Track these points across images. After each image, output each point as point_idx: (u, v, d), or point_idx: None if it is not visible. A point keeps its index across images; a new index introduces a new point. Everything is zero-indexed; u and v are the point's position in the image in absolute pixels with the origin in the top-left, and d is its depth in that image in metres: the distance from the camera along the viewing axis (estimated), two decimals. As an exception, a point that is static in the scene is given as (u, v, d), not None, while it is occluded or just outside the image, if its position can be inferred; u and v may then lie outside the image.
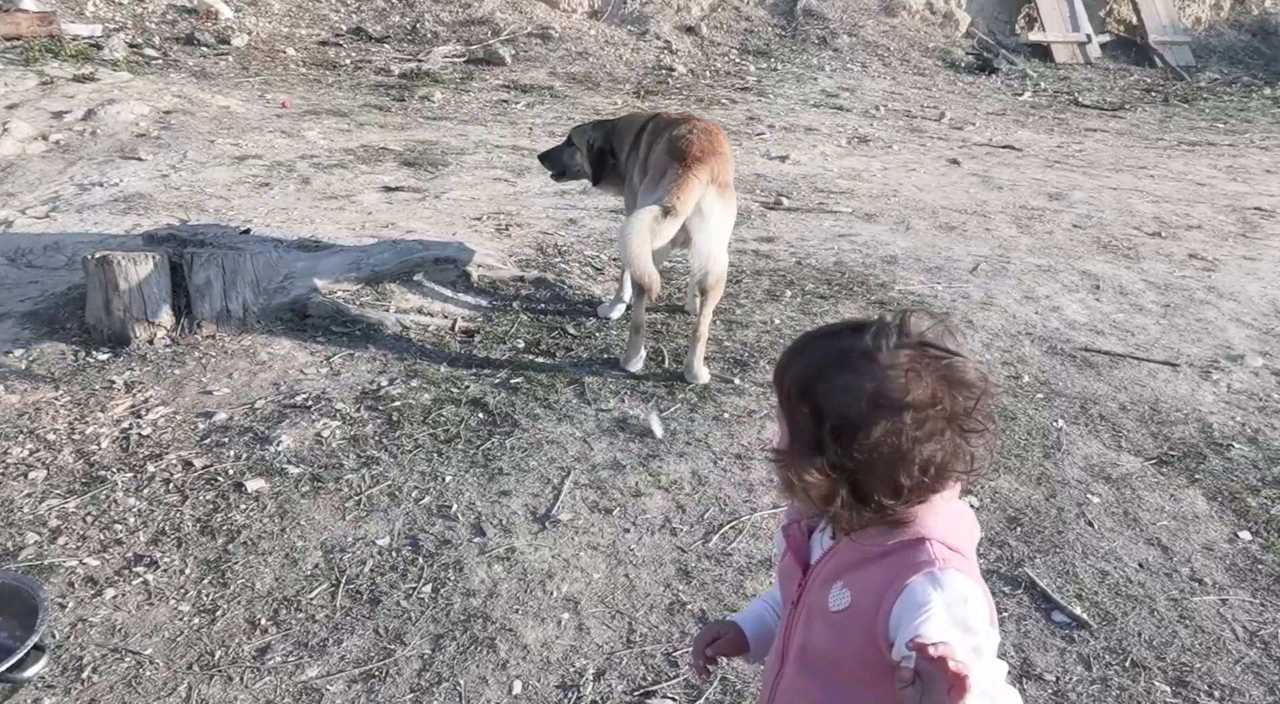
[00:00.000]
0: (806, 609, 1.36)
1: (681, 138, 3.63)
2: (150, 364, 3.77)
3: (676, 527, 3.03)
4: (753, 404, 3.65)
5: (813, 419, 1.25)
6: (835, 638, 1.30)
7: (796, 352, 1.32)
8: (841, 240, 5.48)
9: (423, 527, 2.98)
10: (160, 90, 8.38)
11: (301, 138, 7.45)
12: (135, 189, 6.01)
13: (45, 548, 2.83)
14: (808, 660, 1.36)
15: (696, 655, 1.60)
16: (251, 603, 2.68)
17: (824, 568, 1.35)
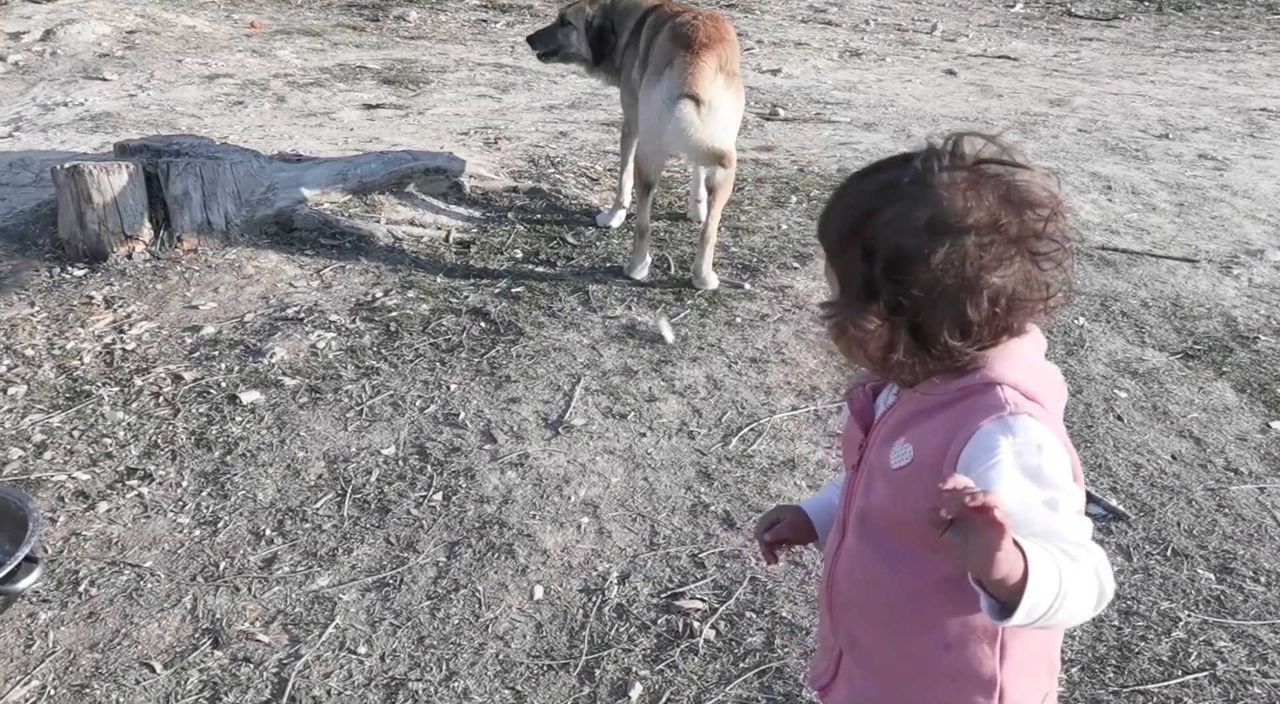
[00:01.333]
0: (867, 471, 1.23)
1: (687, 25, 3.42)
2: (130, 279, 3.57)
3: (694, 430, 2.91)
4: (765, 308, 3.51)
5: (864, 261, 1.10)
6: (897, 498, 1.17)
7: (840, 195, 1.17)
8: (842, 148, 5.30)
9: (429, 435, 2.84)
10: (122, 10, 7.99)
11: (274, 57, 7.12)
12: (102, 108, 5.73)
13: (31, 463, 2.68)
14: (868, 526, 1.23)
15: (758, 540, 1.48)
16: (254, 514, 2.54)
17: (885, 425, 1.22)
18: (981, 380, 1.13)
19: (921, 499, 1.15)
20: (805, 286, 3.65)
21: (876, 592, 1.23)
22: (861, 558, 1.25)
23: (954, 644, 1.20)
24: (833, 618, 1.32)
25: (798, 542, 1.47)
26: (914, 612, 1.21)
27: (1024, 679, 1.25)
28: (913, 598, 1.21)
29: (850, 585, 1.27)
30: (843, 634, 1.31)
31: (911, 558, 1.20)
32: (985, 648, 1.20)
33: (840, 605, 1.30)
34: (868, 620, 1.26)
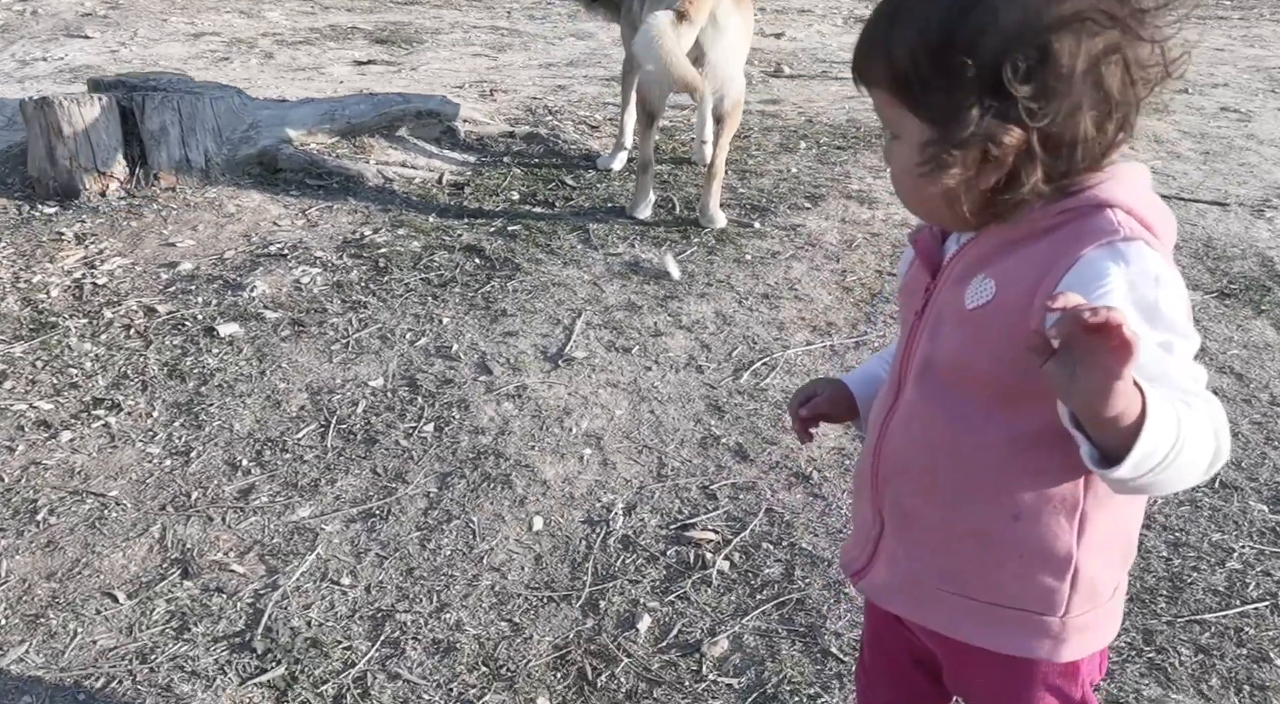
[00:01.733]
0: (934, 317, 1.04)
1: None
2: (103, 217, 3.37)
3: (703, 364, 2.73)
4: (776, 246, 3.33)
5: (973, 69, 0.89)
6: (971, 342, 0.99)
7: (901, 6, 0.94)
8: (851, 102, 5.11)
9: (420, 367, 2.65)
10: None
11: (262, 18, 6.93)
12: (83, 62, 5.53)
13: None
14: (932, 379, 1.03)
15: (793, 417, 1.29)
16: (230, 445, 2.35)
17: (960, 263, 1.02)
18: (1090, 201, 0.94)
19: (1001, 342, 0.96)
20: (818, 225, 3.46)
21: (939, 453, 1.04)
22: (922, 415, 1.05)
23: (1025, 514, 1.01)
24: (877, 492, 1.13)
25: (836, 418, 1.28)
26: (981, 476, 1.02)
27: (1101, 561, 1.06)
28: (981, 460, 1.02)
29: (907, 448, 1.08)
30: (890, 508, 1.12)
31: (982, 413, 1.01)
32: (1062, 520, 1.02)
33: (891, 474, 1.10)
34: (924, 488, 1.07)
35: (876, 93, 0.98)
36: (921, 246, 1.11)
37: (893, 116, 0.98)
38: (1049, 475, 1.00)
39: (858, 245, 3.33)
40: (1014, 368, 0.96)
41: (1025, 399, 0.96)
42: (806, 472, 2.34)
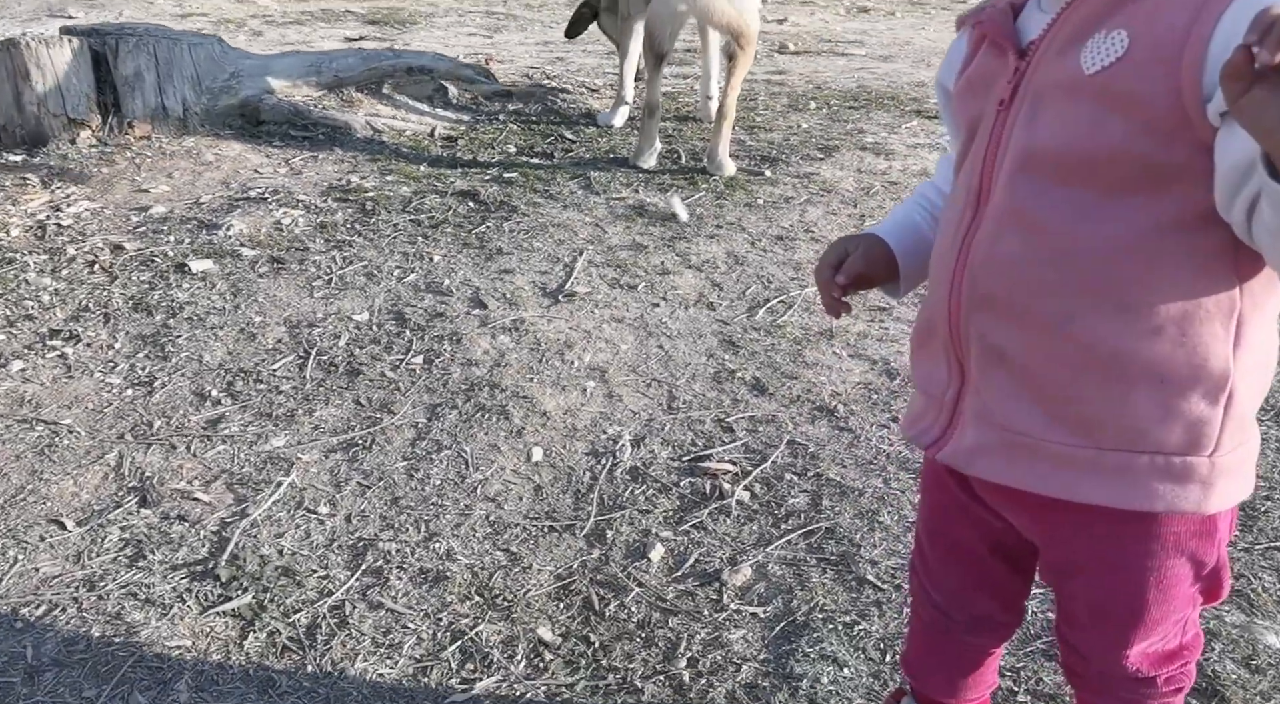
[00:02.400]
0: (1030, 100, 0.84)
1: None
2: (73, 163, 3.17)
3: (714, 302, 2.53)
4: (789, 192, 3.14)
5: None
6: (1093, 115, 0.79)
7: None
8: (860, 72, 4.95)
9: (409, 302, 2.45)
10: (93, -38, 7.63)
11: (252, 3, 6.77)
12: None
13: (-67, 322, 2.28)
14: (1034, 171, 0.83)
15: (823, 288, 1.06)
16: (199, 375, 2.14)
17: (1065, 26, 0.83)
18: None
19: (1141, 105, 0.77)
20: (833, 174, 3.27)
21: (1047, 266, 0.83)
22: (1022, 222, 0.85)
23: (1170, 324, 0.81)
24: (956, 337, 0.92)
25: (876, 279, 1.07)
26: (1110, 282, 0.81)
27: (1254, 381, 0.86)
28: (1109, 262, 0.81)
29: (999, 269, 0.86)
30: (978, 351, 0.90)
31: (1110, 202, 0.80)
32: (1217, 327, 0.81)
33: (979, 306, 0.88)
34: (1030, 314, 0.85)
35: None
36: (992, 27, 0.91)
37: None
38: (1202, 271, 0.80)
39: (875, 192, 3.14)
40: (1160, 137, 0.77)
41: (1168, 176, 0.78)
42: (831, 405, 2.14)
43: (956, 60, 0.99)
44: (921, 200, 1.09)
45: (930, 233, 1.05)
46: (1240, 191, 0.76)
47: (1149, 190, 0.80)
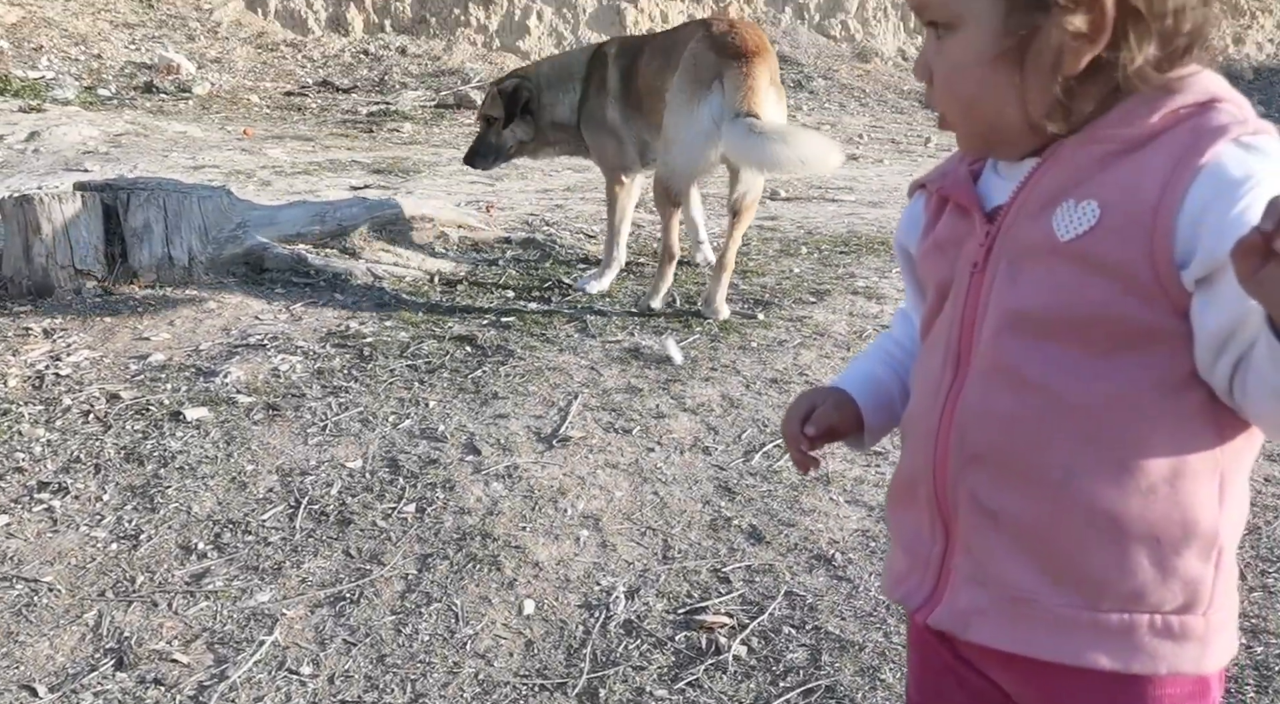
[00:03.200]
0: (1005, 262, 0.86)
1: (729, 33, 3.14)
2: (75, 313, 3.22)
3: (710, 446, 2.51)
4: (783, 335, 3.17)
5: None
6: (1073, 279, 0.81)
7: None
8: (850, 218, 5.10)
9: (403, 448, 2.44)
10: (113, 118, 7.98)
11: (263, 155, 7.04)
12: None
13: (-76, 476, 2.26)
14: (1020, 332, 0.84)
15: (791, 442, 1.06)
16: (186, 527, 2.11)
17: (1033, 192, 0.85)
18: (1198, 96, 0.80)
19: (1119, 272, 0.79)
20: (825, 317, 3.32)
21: (1041, 423, 0.84)
22: (1011, 380, 0.85)
23: (1162, 483, 0.81)
24: (941, 497, 0.91)
25: (845, 431, 1.06)
26: (1101, 442, 0.82)
27: (1234, 533, 0.86)
28: (1100, 421, 0.82)
29: (991, 427, 0.86)
30: (967, 512, 0.88)
31: (1099, 362, 0.81)
32: (1204, 485, 0.82)
33: (969, 465, 0.87)
34: (1025, 471, 0.85)
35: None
36: (954, 190, 0.94)
37: (957, 2, 0.85)
38: (1188, 429, 0.81)
39: (868, 336, 3.17)
40: (1141, 299, 0.79)
41: (1152, 337, 0.79)
42: (829, 554, 2.09)
43: (915, 224, 1.01)
44: (882, 354, 1.10)
45: (893, 386, 1.06)
46: (1221, 356, 0.77)
47: (1136, 350, 0.81)
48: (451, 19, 12.42)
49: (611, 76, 3.52)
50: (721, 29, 3.18)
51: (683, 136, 3.16)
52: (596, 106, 3.57)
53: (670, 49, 3.31)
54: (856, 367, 1.10)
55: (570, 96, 3.63)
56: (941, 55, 0.88)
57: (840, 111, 11.10)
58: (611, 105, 3.52)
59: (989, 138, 0.90)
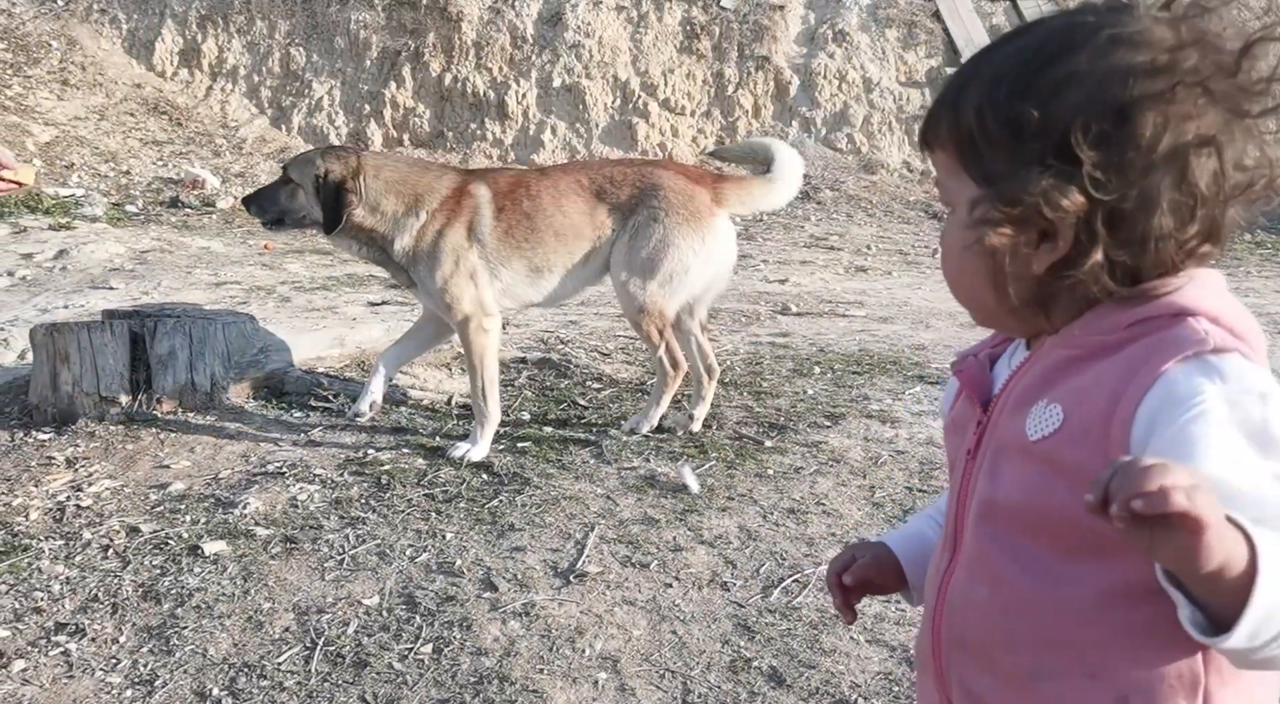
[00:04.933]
0: (991, 454, 0.89)
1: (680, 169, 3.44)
2: (98, 440, 3.26)
3: (728, 581, 2.50)
4: (799, 462, 3.18)
5: (1040, 131, 0.81)
6: (1039, 480, 0.83)
7: (982, 60, 0.89)
8: (861, 334, 5.15)
9: (420, 584, 2.43)
10: (139, 235, 8.21)
11: (283, 270, 7.20)
12: (102, 308, 5.64)
13: (-58, 617, 2.25)
14: (995, 526, 0.87)
15: (832, 591, 1.09)
16: (202, 671, 2.09)
17: (1015, 390, 0.89)
18: (1167, 308, 0.81)
19: (1078, 478, 0.80)
20: (840, 443, 3.33)
21: (1011, 618, 0.85)
22: (987, 572, 0.88)
23: (1132, 694, 0.81)
24: (941, 672, 0.93)
25: (884, 586, 1.09)
26: (1069, 646, 0.83)
27: None
28: (1067, 625, 0.83)
29: (971, 615, 0.89)
30: (958, 692, 0.91)
31: (1064, 564, 0.83)
32: (1180, 701, 0.81)
33: (955, 648, 0.91)
34: (996, 664, 0.87)
35: (939, 156, 0.90)
36: (967, 376, 0.98)
37: (951, 186, 0.90)
38: (1157, 641, 0.80)
39: (884, 462, 3.18)
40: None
41: (1111, 545, 0.78)
42: (851, 698, 2.06)
43: (948, 399, 1.04)
44: (936, 514, 1.12)
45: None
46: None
47: (1099, 556, 0.82)
48: (468, 133, 12.83)
49: (492, 220, 3.28)
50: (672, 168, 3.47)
51: (675, 262, 3.27)
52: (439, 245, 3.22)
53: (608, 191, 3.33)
54: (909, 524, 1.14)
55: (412, 222, 3.24)
56: (944, 234, 0.93)
57: (848, 222, 11.31)
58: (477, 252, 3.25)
59: (981, 316, 0.94)
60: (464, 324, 3.26)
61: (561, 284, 3.39)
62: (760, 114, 13.06)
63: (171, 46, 12.52)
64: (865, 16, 13.33)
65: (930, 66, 12.98)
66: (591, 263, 3.36)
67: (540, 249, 3.29)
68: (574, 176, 3.36)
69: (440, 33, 12.63)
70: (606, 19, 13.08)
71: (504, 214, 3.29)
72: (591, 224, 3.30)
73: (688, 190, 3.28)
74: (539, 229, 3.29)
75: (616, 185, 3.32)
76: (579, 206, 3.30)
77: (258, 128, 12.77)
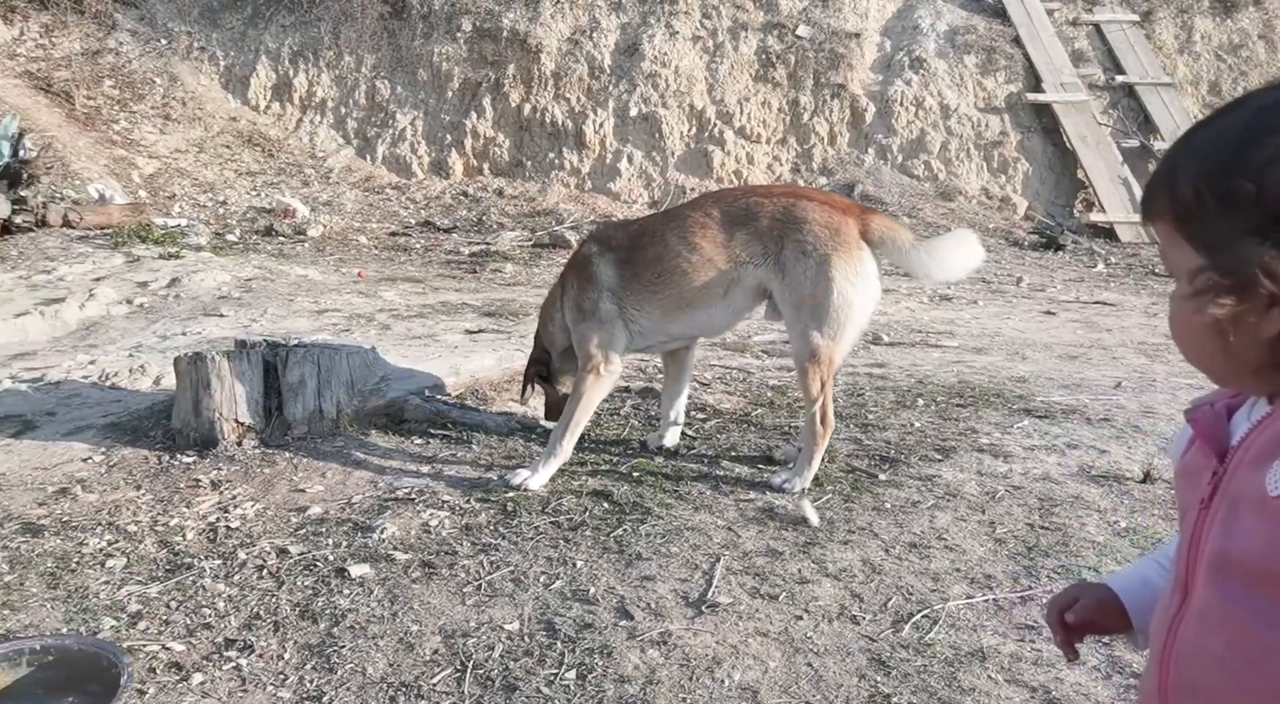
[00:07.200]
0: (1226, 505, 0.92)
1: (823, 198, 3.27)
2: (238, 464, 3.43)
3: (857, 615, 2.53)
4: (915, 496, 3.20)
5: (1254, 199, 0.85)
6: (1278, 536, 0.86)
7: (1202, 128, 0.93)
8: (957, 366, 5.15)
9: (557, 610, 2.51)
10: (241, 263, 8.54)
11: (379, 298, 7.43)
12: (218, 335, 5.91)
13: (124, 632, 2.40)
14: (1229, 578, 0.90)
15: (1052, 628, 1.14)
16: (364, 689, 2.20)
17: (1257, 443, 0.92)
18: None
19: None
20: (954, 477, 3.35)
21: (1247, 668, 0.88)
22: (1221, 622, 0.91)
23: None
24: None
25: (1106, 627, 1.14)
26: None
27: None
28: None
29: (1203, 663, 0.92)
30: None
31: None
32: None
33: (1184, 694, 0.94)
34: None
35: (1161, 228, 0.94)
36: (1202, 425, 1.01)
37: (1173, 256, 0.94)
38: None
39: (1001, 498, 3.19)
40: None
41: None
42: (993, 735, 2.08)
43: (1179, 445, 1.08)
44: (1162, 559, 1.15)
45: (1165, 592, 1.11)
46: None
47: None
48: (546, 162, 13.08)
49: (622, 258, 3.40)
50: (815, 196, 3.29)
51: (855, 298, 3.15)
52: (591, 295, 3.42)
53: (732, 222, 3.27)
54: (1132, 568, 1.17)
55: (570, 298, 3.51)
56: (1171, 302, 0.97)
57: (927, 249, 11.25)
58: (619, 289, 3.38)
59: (1216, 378, 0.98)
60: (585, 362, 3.38)
61: (708, 319, 3.34)
62: (835, 141, 13.09)
63: (265, 81, 13.03)
64: (943, 43, 13.30)
65: (1010, 92, 12.88)
66: (733, 296, 3.28)
67: (672, 289, 3.28)
68: (703, 211, 3.31)
69: (520, 64, 12.92)
70: (683, 49, 13.25)
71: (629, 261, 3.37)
72: (727, 258, 3.23)
73: (834, 221, 3.16)
74: (667, 271, 3.28)
75: (753, 215, 3.23)
76: (711, 241, 3.24)
77: (344, 158, 13.18)
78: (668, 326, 3.37)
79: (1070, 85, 12.49)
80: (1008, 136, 12.84)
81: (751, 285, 3.27)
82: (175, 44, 12.88)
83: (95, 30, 12.58)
